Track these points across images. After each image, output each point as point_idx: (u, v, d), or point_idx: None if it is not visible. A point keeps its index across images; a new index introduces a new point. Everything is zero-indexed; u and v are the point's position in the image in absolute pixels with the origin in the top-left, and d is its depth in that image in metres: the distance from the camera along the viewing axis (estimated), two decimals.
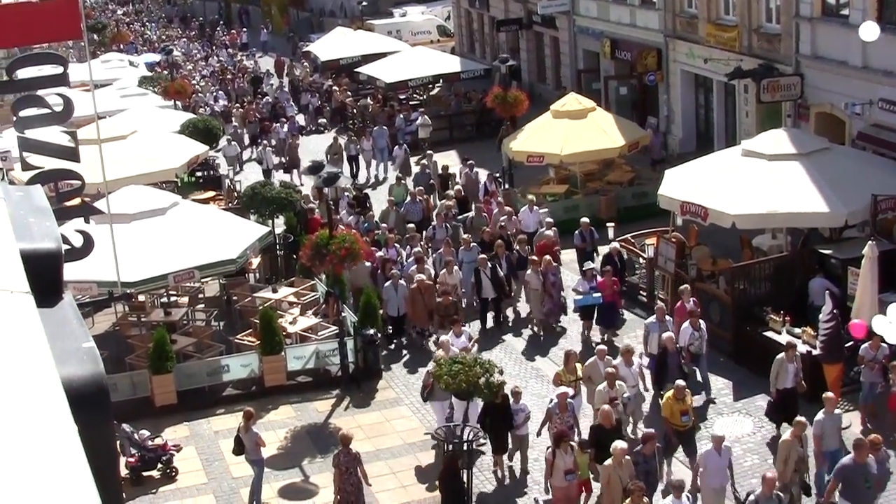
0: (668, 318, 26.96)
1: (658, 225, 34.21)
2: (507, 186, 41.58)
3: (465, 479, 21.10)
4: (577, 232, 34.61)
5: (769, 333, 27.39)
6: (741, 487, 21.69)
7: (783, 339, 26.89)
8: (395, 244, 34.76)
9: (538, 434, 23.70)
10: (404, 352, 31.08)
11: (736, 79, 39.79)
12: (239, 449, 24.06)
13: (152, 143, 40.18)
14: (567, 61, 57.27)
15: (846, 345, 25.47)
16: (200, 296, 34.90)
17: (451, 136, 54.82)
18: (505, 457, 24.26)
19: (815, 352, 25.62)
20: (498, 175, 42.26)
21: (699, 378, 26.63)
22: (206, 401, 28.57)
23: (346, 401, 28.19)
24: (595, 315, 30.64)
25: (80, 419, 3.35)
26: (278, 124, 56.40)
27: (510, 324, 32.69)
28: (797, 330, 27.04)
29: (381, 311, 30.40)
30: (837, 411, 22.28)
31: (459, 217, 38.01)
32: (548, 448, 21.69)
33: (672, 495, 19.25)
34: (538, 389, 27.60)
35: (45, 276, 4.27)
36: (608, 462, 20.14)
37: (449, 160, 46.35)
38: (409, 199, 40.06)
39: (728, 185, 30.54)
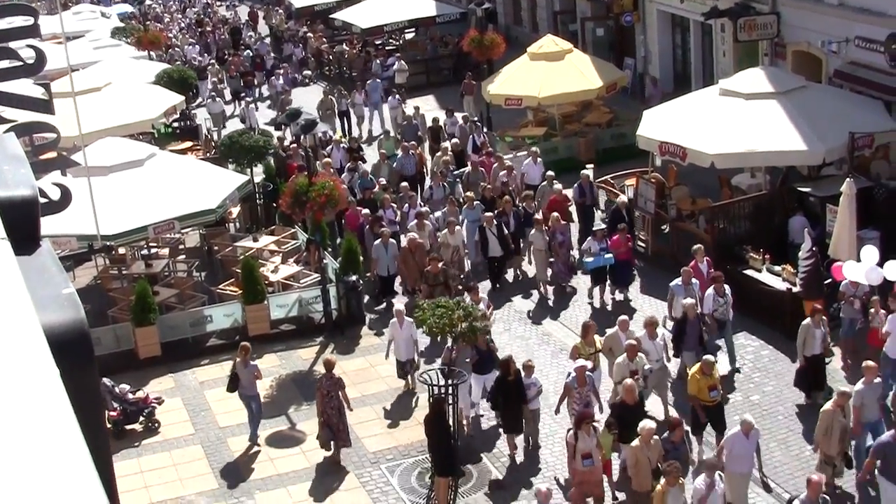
0: (694, 281, 25.45)
1: (637, 166, 34.24)
2: (486, 131, 41.09)
3: (450, 421, 21.15)
4: (576, 185, 33.49)
5: (749, 272, 27.50)
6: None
7: (763, 277, 27.02)
8: (392, 205, 33.47)
9: (556, 411, 22.60)
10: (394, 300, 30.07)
11: (712, 18, 39.70)
12: (234, 385, 24.31)
13: (127, 95, 39.98)
14: (543, 3, 57.01)
15: (826, 282, 25.59)
16: (181, 247, 34.85)
17: (427, 81, 54.61)
18: (519, 438, 23.07)
19: (796, 289, 25.75)
20: (476, 119, 42.06)
21: (723, 347, 25.63)
22: (191, 352, 28.60)
23: (330, 348, 28.22)
24: (608, 275, 29.47)
25: (63, 366, 3.34)
26: (274, 77, 55.85)
27: (518, 285, 31.56)
28: (777, 268, 27.16)
29: (371, 273, 30.59)
30: (877, 380, 21.09)
31: (455, 173, 36.89)
32: (568, 430, 20.57)
33: (704, 475, 18.47)
34: (548, 355, 26.99)
35: (21, 224, 4.25)
36: (635, 443, 19.28)
37: (426, 105, 46.13)
38: (400, 152, 38.74)
39: (706, 124, 30.54)
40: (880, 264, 24.85)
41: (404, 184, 35.46)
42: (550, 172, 34.14)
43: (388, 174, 37.20)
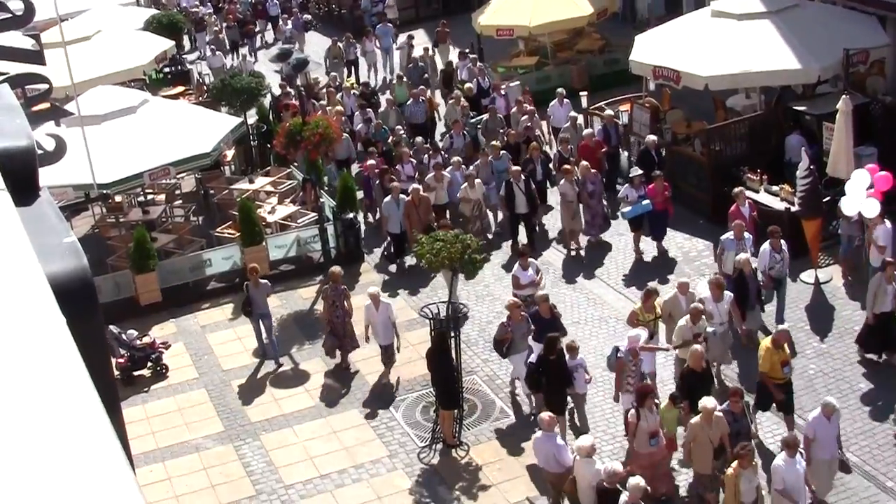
0: (747, 235, 23.84)
1: (631, 91, 34.16)
2: (478, 62, 40.50)
3: (453, 355, 21.19)
4: (600, 128, 32.08)
5: (748, 193, 27.44)
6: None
7: (761, 197, 26.99)
8: (412, 159, 31.92)
9: (615, 398, 20.85)
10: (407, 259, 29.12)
11: None
12: (248, 308, 25.04)
13: (117, 42, 39.66)
14: None
15: (824, 199, 25.58)
16: (177, 192, 34.78)
17: (417, 15, 54.14)
18: (567, 418, 21.34)
19: (794, 208, 25.75)
20: (468, 50, 41.77)
21: (775, 306, 24.15)
22: (191, 296, 28.63)
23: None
24: (645, 226, 28.01)
25: (68, 314, 3.34)
26: (282, 22, 53.98)
27: (547, 239, 29.95)
28: (775, 188, 27.18)
29: (382, 230, 29.60)
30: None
31: (473, 120, 35.14)
32: (628, 410, 19.30)
33: (785, 453, 17.22)
34: (589, 313, 25.85)
35: (19, 174, 4.24)
36: (695, 419, 18.03)
37: (416, 40, 45.80)
38: (410, 99, 36.96)
39: (699, 47, 30.39)
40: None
41: (419, 138, 33.85)
42: (574, 114, 32.94)
43: (396, 121, 35.77)
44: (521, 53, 42.16)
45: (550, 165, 31.02)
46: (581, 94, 35.73)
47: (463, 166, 30.63)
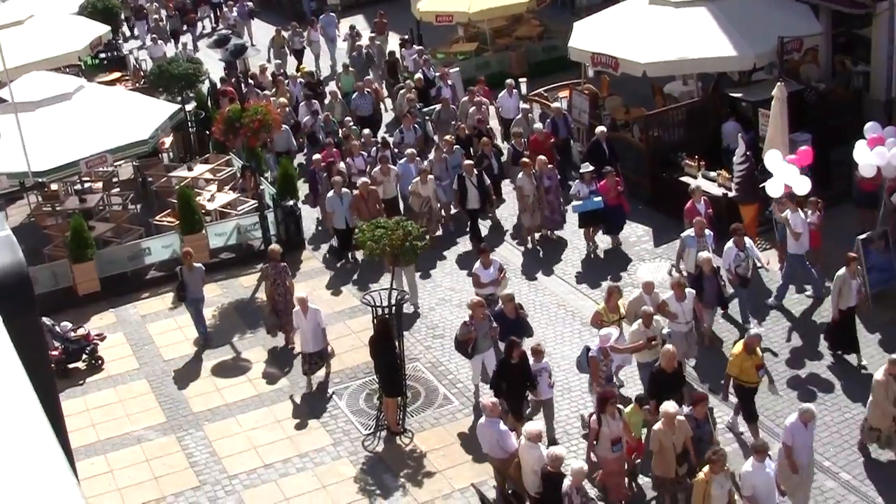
0: (707, 232, 23.55)
1: (570, 78, 34.25)
2: (417, 47, 40.23)
3: (395, 341, 21.18)
4: (548, 120, 31.38)
5: (685, 178, 27.64)
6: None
7: (699, 183, 27.17)
8: (362, 152, 31.00)
9: (592, 392, 20.30)
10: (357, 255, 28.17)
11: None
12: (181, 293, 25.18)
13: (51, 27, 39.29)
14: None
15: (760, 185, 25.78)
16: (115, 180, 34.50)
17: (357, 0, 53.79)
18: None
19: (731, 194, 25.94)
20: (407, 37, 41.69)
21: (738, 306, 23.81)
22: (130, 286, 28.39)
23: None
24: (598, 221, 27.39)
25: (4, 310, 3.30)
26: (227, 9, 52.26)
27: (505, 236, 29.32)
28: (712, 173, 27.38)
29: (328, 226, 28.95)
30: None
31: (424, 110, 34.48)
32: (590, 414, 18.77)
33: (754, 458, 16.84)
34: (551, 312, 25.20)
35: None
36: (658, 426, 17.61)
37: (358, 25, 45.64)
38: (356, 92, 36.03)
39: (637, 34, 30.51)
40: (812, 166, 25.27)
41: (366, 130, 33.10)
42: (526, 105, 32.53)
43: (342, 114, 35.08)
44: (461, 40, 42.18)
45: (503, 159, 30.52)
46: (520, 80, 35.73)
47: (418, 158, 30.06)
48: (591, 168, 27.34)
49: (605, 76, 32.94)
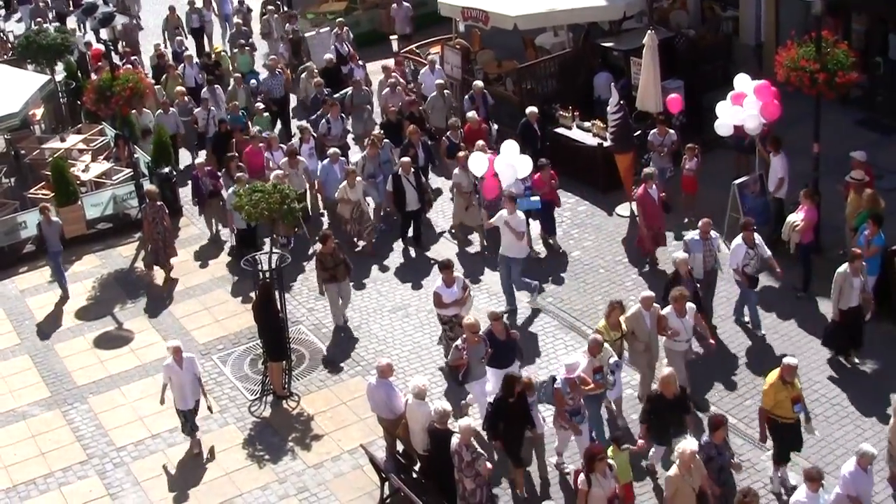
0: (713, 234, 21.27)
1: (441, 33, 34.36)
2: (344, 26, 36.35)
3: (278, 304, 21.17)
4: (466, 97, 29.56)
5: (560, 130, 27.93)
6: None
7: (574, 133, 27.48)
8: (281, 146, 28.31)
9: (559, 424, 18.29)
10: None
11: None
12: (41, 246, 26.41)
13: None
14: None
15: (635, 134, 26.16)
16: None
17: None
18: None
19: (606, 143, 26.27)
20: (278, 2, 41.23)
21: (745, 314, 22.11)
22: (8, 260, 27.98)
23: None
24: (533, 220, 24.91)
25: None
26: None
27: (436, 233, 27.21)
28: (587, 124, 27.70)
29: (229, 227, 26.90)
30: None
31: (336, 96, 31.17)
32: (576, 472, 16.63)
33: (807, 487, 15.27)
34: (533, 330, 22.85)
35: None
36: (673, 472, 15.77)
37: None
38: (266, 72, 33.20)
39: None
40: (686, 111, 25.73)
41: (305, 123, 29.77)
42: (440, 81, 30.34)
43: (247, 100, 32.42)
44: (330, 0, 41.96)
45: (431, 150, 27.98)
46: (391, 37, 35.70)
47: (342, 158, 27.43)
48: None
49: (476, 30, 33.12)
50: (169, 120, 31.21)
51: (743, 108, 23.55)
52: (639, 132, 26.38)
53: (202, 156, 29.32)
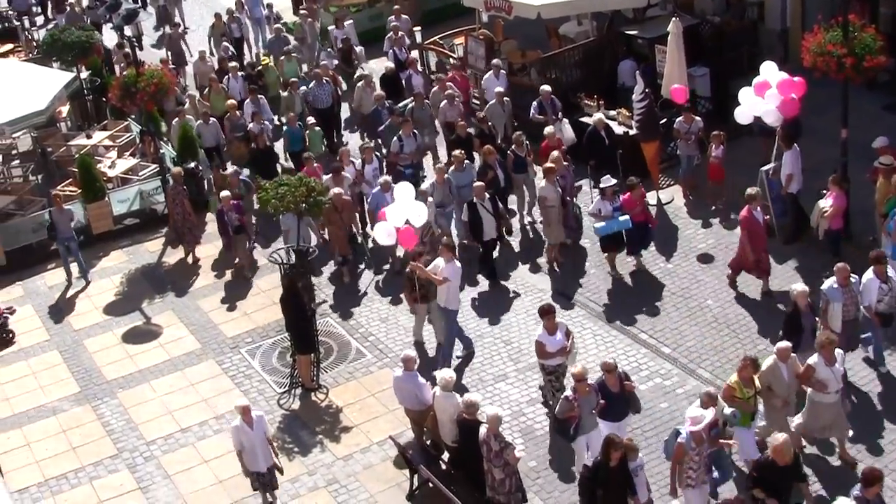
0: (853, 279, 18.78)
1: (464, 24, 34.26)
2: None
3: (304, 298, 21.16)
4: (535, 103, 27.55)
5: (585, 119, 27.81)
6: None
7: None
8: (353, 160, 26.70)
9: (673, 492, 16.66)
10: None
11: None
12: (52, 233, 26.61)
13: None
14: None
15: (661, 121, 26.04)
16: (14, 151, 33.97)
17: None
18: None
19: (632, 132, 26.16)
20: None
21: (869, 350, 20.08)
22: (37, 257, 28.08)
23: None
24: (621, 242, 23.68)
25: None
26: None
27: (513, 256, 25.34)
28: (612, 112, 27.54)
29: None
30: None
31: (399, 107, 29.42)
32: None
33: None
34: (582, 358, 20.63)
35: None
36: None
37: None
38: (313, 82, 31.32)
39: None
40: (708, 96, 25.57)
41: (367, 142, 28.70)
42: (500, 88, 28.39)
43: (300, 108, 30.88)
44: None
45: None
46: (415, 29, 35.63)
47: (394, 186, 23.64)
48: (614, 181, 23.28)
49: (500, 20, 33.01)
50: (210, 131, 30.04)
51: (764, 100, 23.34)
52: (664, 120, 26.25)
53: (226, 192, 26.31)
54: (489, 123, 27.35)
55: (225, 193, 25.64)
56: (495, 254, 24.64)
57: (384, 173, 26.03)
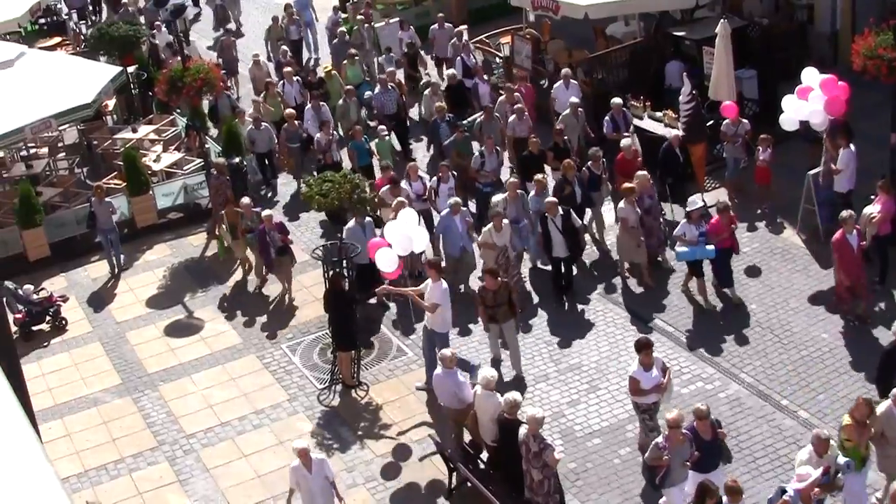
0: None
1: (511, 23, 34.21)
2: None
3: (348, 295, 21.16)
4: (606, 118, 26.88)
5: (641, 123, 27.65)
6: None
7: (645, 124, 27.19)
8: (421, 174, 25.73)
9: None
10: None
11: None
12: (91, 223, 26.95)
13: None
14: None
15: (707, 123, 25.90)
16: (60, 144, 34.16)
17: None
18: None
19: (679, 133, 26.02)
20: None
21: None
22: (80, 249, 28.21)
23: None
24: (705, 267, 22.38)
25: None
26: None
27: (588, 278, 24.25)
28: (658, 114, 27.42)
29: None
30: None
31: (464, 122, 28.35)
32: None
33: None
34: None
35: None
36: None
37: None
38: (377, 87, 30.92)
39: None
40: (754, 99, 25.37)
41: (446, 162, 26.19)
42: (575, 99, 27.49)
43: (356, 115, 30.48)
44: None
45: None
46: (461, 27, 35.59)
47: (464, 209, 23.72)
48: (701, 205, 22.17)
49: (546, 20, 32.96)
50: (262, 136, 29.68)
51: (808, 102, 22.91)
52: (711, 122, 26.11)
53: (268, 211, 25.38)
54: (564, 137, 26.50)
55: (267, 212, 24.57)
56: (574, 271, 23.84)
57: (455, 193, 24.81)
